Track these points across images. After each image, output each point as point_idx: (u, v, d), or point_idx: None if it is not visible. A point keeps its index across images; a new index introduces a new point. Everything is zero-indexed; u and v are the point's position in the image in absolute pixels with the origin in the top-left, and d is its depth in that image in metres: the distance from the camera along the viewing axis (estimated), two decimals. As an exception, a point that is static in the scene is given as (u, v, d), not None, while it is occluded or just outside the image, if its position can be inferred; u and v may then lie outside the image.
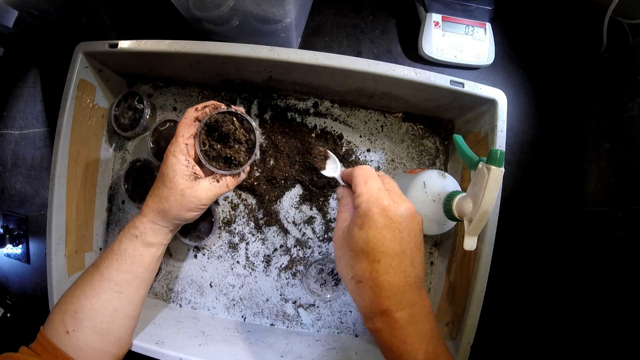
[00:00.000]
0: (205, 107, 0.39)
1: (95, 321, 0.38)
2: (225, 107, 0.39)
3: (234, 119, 0.39)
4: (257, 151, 0.41)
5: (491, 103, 0.44)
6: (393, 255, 0.29)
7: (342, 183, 0.39)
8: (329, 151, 0.44)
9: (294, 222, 0.53)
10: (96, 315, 0.38)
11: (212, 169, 0.39)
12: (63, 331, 0.37)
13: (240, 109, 0.40)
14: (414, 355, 0.29)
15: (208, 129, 0.39)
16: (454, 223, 0.43)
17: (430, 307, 0.32)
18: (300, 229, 0.53)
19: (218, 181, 0.39)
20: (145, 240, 0.39)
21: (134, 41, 0.44)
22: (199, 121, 0.39)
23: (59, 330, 0.37)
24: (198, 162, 0.40)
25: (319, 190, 0.53)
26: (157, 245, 0.41)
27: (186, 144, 0.38)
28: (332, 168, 0.43)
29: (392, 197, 0.31)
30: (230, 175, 0.40)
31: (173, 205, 0.38)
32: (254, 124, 0.40)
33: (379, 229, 0.30)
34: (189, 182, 0.38)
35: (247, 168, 0.41)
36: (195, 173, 0.38)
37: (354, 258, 0.30)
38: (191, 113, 0.39)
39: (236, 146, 0.40)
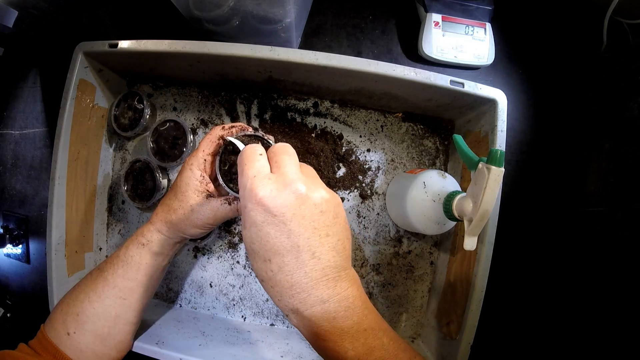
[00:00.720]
0: (232, 127, 0.38)
1: (97, 325, 0.38)
2: (252, 130, 0.38)
3: (259, 143, 0.37)
4: None
5: (491, 103, 0.44)
6: (284, 252, 0.26)
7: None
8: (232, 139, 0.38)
9: (294, 222, 0.53)
10: (98, 320, 0.38)
11: (227, 189, 0.37)
12: (64, 332, 0.37)
13: (269, 136, 0.38)
14: (340, 352, 0.26)
15: (233, 150, 0.38)
16: (454, 223, 0.43)
17: (355, 297, 0.27)
18: (300, 229, 0.53)
19: (230, 204, 0.37)
20: (152, 249, 0.39)
21: (134, 41, 0.44)
22: (224, 140, 0.38)
23: (60, 331, 0.37)
24: (214, 181, 0.39)
25: (319, 190, 0.53)
26: (163, 255, 0.40)
27: (205, 160, 0.37)
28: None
29: (272, 183, 0.26)
30: None
31: (181, 219, 0.37)
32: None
33: (259, 225, 0.26)
34: (201, 198, 0.37)
35: None
36: (208, 191, 0.38)
37: (250, 257, 0.28)
38: (217, 131, 0.38)
39: None
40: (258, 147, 0.30)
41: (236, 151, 0.37)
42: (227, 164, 0.38)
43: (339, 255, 0.27)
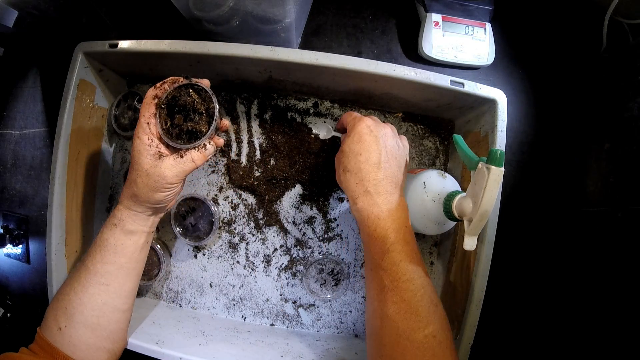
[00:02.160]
0: (163, 83, 0.38)
1: (85, 315, 0.38)
2: (184, 80, 0.38)
3: (190, 90, 0.38)
4: (219, 119, 0.39)
5: (491, 103, 0.44)
6: (372, 152, 0.38)
7: (340, 135, 0.46)
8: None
9: (294, 222, 0.53)
10: (85, 310, 0.38)
11: (174, 144, 0.38)
12: (56, 328, 0.37)
13: (203, 81, 0.39)
14: (385, 229, 0.36)
15: (169, 106, 0.38)
16: (454, 223, 0.43)
17: (405, 209, 0.39)
18: (300, 229, 0.53)
19: (182, 157, 0.38)
20: (124, 227, 0.39)
21: (134, 41, 0.45)
22: (159, 98, 0.38)
23: (52, 327, 0.37)
24: (165, 142, 0.39)
25: (319, 190, 0.53)
26: (138, 233, 0.40)
27: (147, 123, 0.37)
28: (325, 130, 0.49)
29: (375, 122, 0.41)
30: (194, 148, 0.38)
31: (141, 187, 0.37)
32: (211, 91, 0.39)
33: (362, 134, 0.39)
34: (153, 161, 0.37)
35: (217, 141, 0.40)
36: (160, 152, 0.38)
37: (345, 156, 0.39)
38: (150, 92, 0.38)
39: (196, 117, 0.38)
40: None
41: (172, 105, 0.38)
42: (167, 122, 0.38)
43: (399, 173, 0.40)
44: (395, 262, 0.35)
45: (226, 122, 0.42)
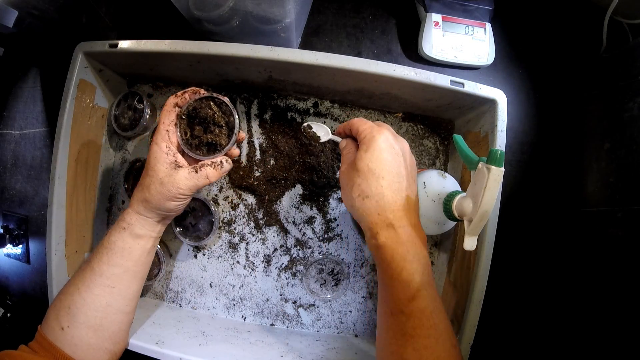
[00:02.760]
0: (184, 92, 0.39)
1: (88, 316, 0.38)
2: (205, 92, 0.39)
3: (211, 103, 0.39)
4: (238, 133, 0.40)
5: (491, 103, 0.44)
6: (395, 174, 0.33)
7: (339, 139, 0.41)
8: (309, 123, 0.46)
9: (294, 222, 0.53)
10: (89, 310, 0.38)
11: (193, 154, 0.39)
12: (58, 328, 0.37)
13: (222, 96, 0.39)
14: (412, 273, 0.32)
15: (189, 116, 0.39)
16: (454, 223, 0.43)
17: (425, 241, 0.34)
18: (300, 229, 0.53)
19: (197, 171, 0.38)
20: (132, 231, 0.39)
21: (134, 41, 0.45)
22: (180, 107, 0.39)
23: (54, 327, 0.37)
24: (182, 151, 0.39)
25: (319, 190, 0.53)
26: (145, 238, 0.40)
27: (167, 131, 0.38)
28: (324, 132, 0.45)
29: (394, 134, 0.36)
30: (211, 164, 0.39)
31: (154, 194, 0.38)
32: (231, 105, 0.40)
33: (382, 150, 0.34)
34: (169, 170, 0.37)
35: (233, 151, 0.41)
36: (176, 161, 0.38)
37: (361, 177, 0.34)
38: (171, 100, 0.39)
39: (216, 130, 0.39)
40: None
41: (193, 116, 0.39)
42: (187, 132, 0.39)
43: (417, 199, 0.35)
44: (421, 308, 0.32)
45: (242, 134, 0.43)
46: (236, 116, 0.39)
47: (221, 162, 0.39)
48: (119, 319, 0.40)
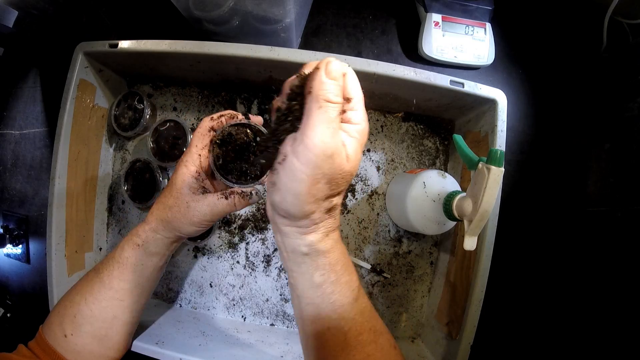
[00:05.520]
0: (221, 116, 0.37)
1: (94, 327, 0.37)
2: (242, 117, 0.37)
3: (248, 130, 0.37)
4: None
5: (491, 103, 0.44)
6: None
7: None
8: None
9: (294, 222, 0.53)
10: (95, 322, 0.37)
11: (224, 181, 0.36)
12: (61, 334, 0.37)
13: (257, 119, 0.37)
14: (352, 269, 0.30)
15: (223, 140, 0.37)
16: (454, 223, 0.43)
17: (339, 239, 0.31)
18: (300, 229, 0.53)
19: (226, 198, 0.36)
20: (147, 249, 0.38)
21: (134, 41, 0.44)
22: (215, 131, 0.37)
23: (57, 333, 0.37)
24: (210, 175, 0.38)
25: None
26: (159, 255, 0.40)
27: (199, 155, 0.36)
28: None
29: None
30: (240, 192, 0.37)
31: (177, 216, 0.37)
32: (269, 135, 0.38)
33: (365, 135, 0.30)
34: (197, 195, 0.36)
35: (264, 180, 0.37)
36: (204, 187, 0.37)
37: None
38: (206, 122, 0.37)
39: (252, 159, 0.37)
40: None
41: (228, 142, 0.36)
42: (220, 158, 0.37)
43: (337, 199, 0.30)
44: (361, 309, 0.30)
45: None
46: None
47: (251, 192, 0.37)
48: (124, 329, 0.40)
